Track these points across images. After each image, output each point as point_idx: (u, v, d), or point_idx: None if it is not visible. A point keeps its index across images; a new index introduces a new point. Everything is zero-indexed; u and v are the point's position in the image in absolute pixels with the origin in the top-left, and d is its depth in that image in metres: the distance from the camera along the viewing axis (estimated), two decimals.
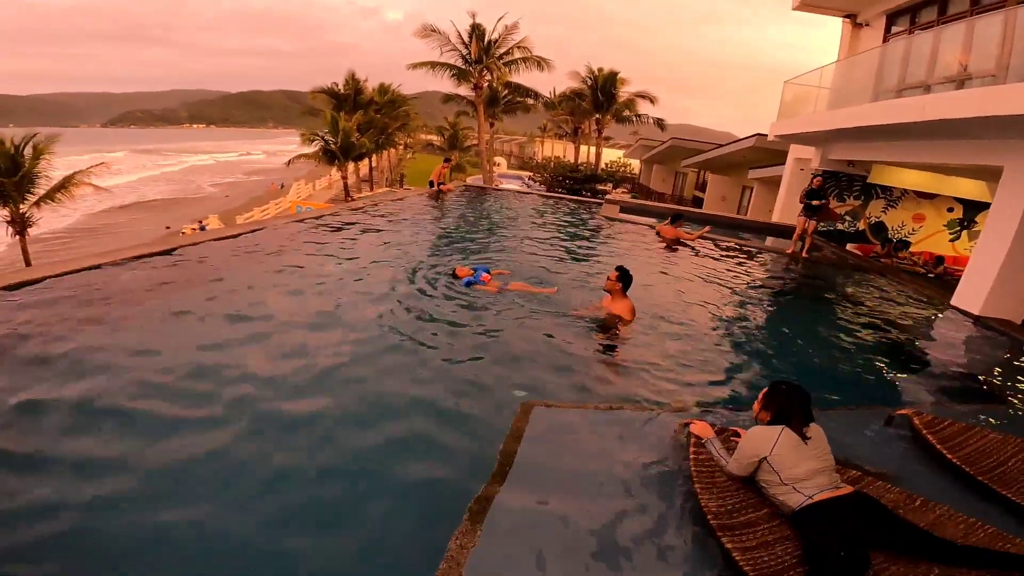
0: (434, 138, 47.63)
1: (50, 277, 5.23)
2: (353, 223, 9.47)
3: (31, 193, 16.93)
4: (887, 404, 4.25)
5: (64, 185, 17.37)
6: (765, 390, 2.87)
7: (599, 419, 3.46)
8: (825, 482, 2.47)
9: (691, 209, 19.24)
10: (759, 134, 17.27)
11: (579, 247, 9.49)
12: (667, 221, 10.65)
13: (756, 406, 2.89)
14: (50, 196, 17.15)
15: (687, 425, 3.14)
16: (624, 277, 5.37)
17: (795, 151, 14.15)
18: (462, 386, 3.95)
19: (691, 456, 2.85)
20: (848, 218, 13.01)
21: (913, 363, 5.63)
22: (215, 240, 7.26)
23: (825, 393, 4.34)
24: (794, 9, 13.14)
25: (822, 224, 13.14)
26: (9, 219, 16.64)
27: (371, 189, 36.34)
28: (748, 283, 8.39)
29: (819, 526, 2.31)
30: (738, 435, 2.98)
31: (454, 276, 6.39)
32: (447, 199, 13.73)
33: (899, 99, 8.57)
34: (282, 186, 37.81)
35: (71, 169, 18.27)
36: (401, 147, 47.16)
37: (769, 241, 11.93)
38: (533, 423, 3.27)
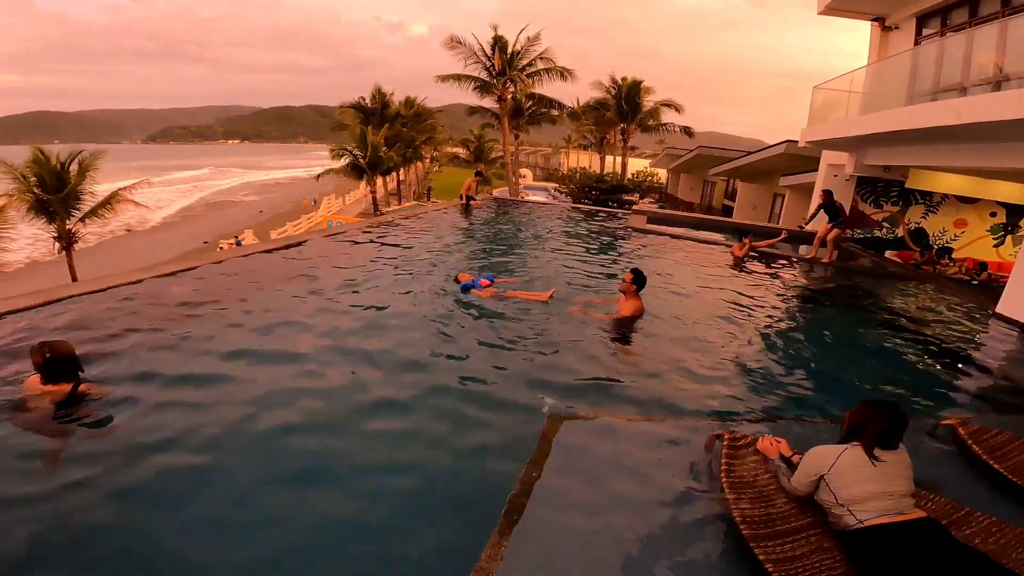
0: (460, 151, 48.26)
1: (97, 291, 5.52)
2: (382, 237, 9.67)
3: (76, 209, 17.58)
4: (931, 414, 4.13)
5: (109, 202, 18.08)
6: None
7: (628, 429, 3.44)
8: (885, 507, 2.30)
9: (711, 217, 18.99)
10: (789, 140, 16.96)
11: (607, 258, 9.47)
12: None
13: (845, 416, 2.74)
14: (94, 213, 17.88)
15: (720, 436, 3.09)
16: (639, 279, 5.57)
17: (828, 157, 13.85)
18: (487, 396, 3.98)
19: (723, 465, 2.81)
20: (885, 224, 12.64)
21: (957, 373, 5.42)
22: (247, 255, 7.55)
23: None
24: (820, 13, 12.94)
25: (858, 231, 12.81)
26: (56, 235, 17.40)
27: (399, 203, 36.96)
28: (784, 292, 8.24)
29: (866, 554, 2.20)
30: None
31: (456, 281, 6.51)
32: (475, 212, 13.88)
33: (934, 102, 8.35)
34: (315, 201, 38.70)
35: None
36: (428, 160, 47.88)
37: (803, 249, 11.68)
38: (562, 434, 3.27)
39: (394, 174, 37.81)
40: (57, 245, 17.45)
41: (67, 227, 17.23)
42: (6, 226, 15.18)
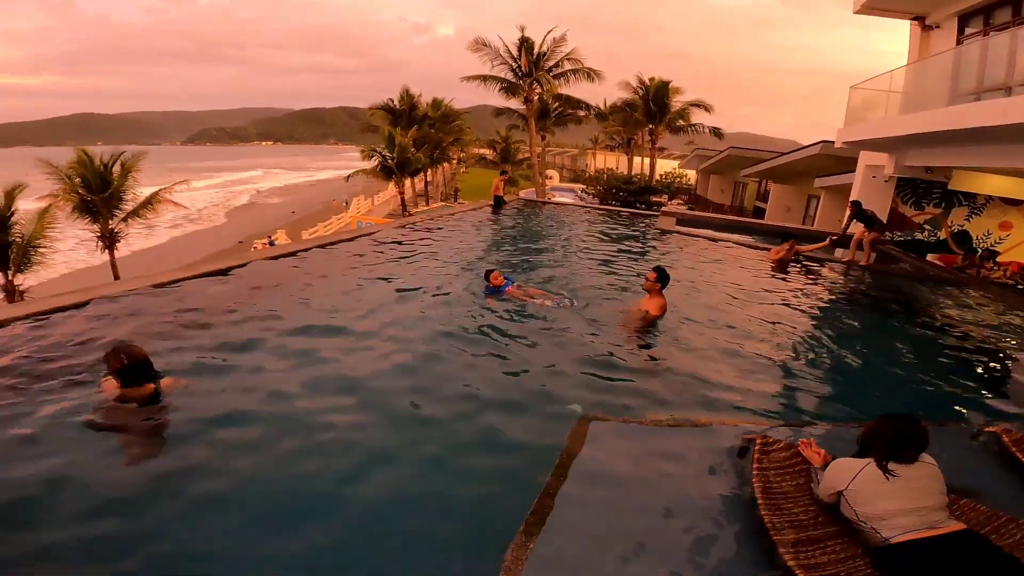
0: (486, 152, 48.47)
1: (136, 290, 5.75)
2: (411, 237, 9.81)
3: (119, 209, 18.21)
4: (974, 421, 4.02)
5: (150, 202, 18.76)
6: None
7: (657, 432, 3.43)
8: (913, 523, 2.22)
9: (745, 219, 18.63)
10: (825, 141, 16.55)
11: (635, 259, 9.40)
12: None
13: None
14: (136, 213, 18.54)
15: (752, 440, 3.04)
16: (662, 276, 5.63)
17: (866, 158, 13.46)
18: (514, 397, 4.01)
19: (755, 470, 2.77)
20: (927, 227, 12.22)
21: (1001, 379, 5.23)
22: (285, 256, 7.75)
23: (906, 410, 4.11)
24: (856, 12, 12.60)
25: (899, 234, 12.43)
26: (99, 234, 18.11)
27: (427, 204, 37.31)
28: (820, 295, 8.08)
29: (896, 572, 2.14)
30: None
31: (486, 280, 6.43)
32: (502, 213, 13.94)
33: (979, 102, 8.07)
34: (346, 203, 39.35)
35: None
36: (455, 162, 48.24)
37: (838, 252, 11.38)
38: (590, 436, 3.26)
39: (422, 175, 38.19)
40: (100, 244, 18.19)
41: (110, 226, 17.92)
42: (52, 225, 15.80)
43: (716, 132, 30.48)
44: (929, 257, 11.89)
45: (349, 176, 33.00)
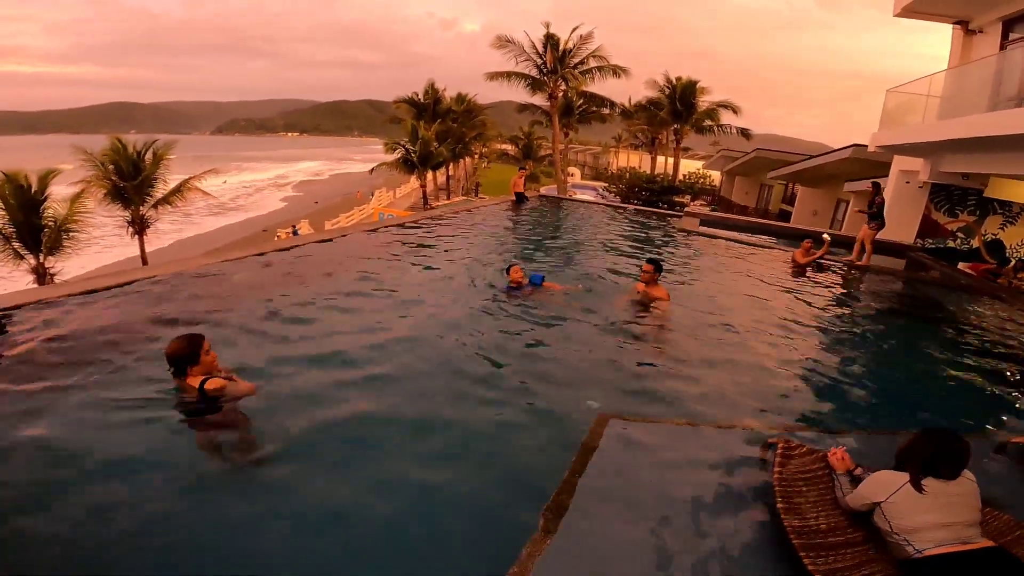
0: (508, 147, 48.46)
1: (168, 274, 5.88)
2: (432, 231, 9.86)
3: (150, 196, 18.66)
4: (999, 432, 3.94)
5: (179, 189, 19.17)
6: None
7: (677, 434, 3.41)
8: (946, 537, 2.22)
9: (770, 221, 18.30)
10: (857, 144, 16.17)
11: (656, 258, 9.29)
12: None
13: None
14: (166, 200, 18.96)
15: (774, 444, 3.02)
16: (658, 267, 6.18)
17: (900, 163, 13.12)
18: (531, 393, 4.00)
19: (775, 473, 2.75)
20: (960, 235, 11.87)
21: None
22: (317, 243, 7.85)
23: (929, 419, 4.08)
24: (896, 15, 12.27)
25: (930, 241, 12.14)
26: (130, 220, 18.55)
27: (448, 198, 37.42)
28: (843, 301, 7.94)
29: None
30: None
31: (506, 275, 6.40)
32: (523, 208, 13.93)
33: (1021, 108, 7.80)
34: (372, 195, 39.66)
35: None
36: (476, 156, 48.29)
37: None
38: (608, 434, 3.26)
39: (443, 169, 38.33)
40: (130, 230, 18.64)
41: (140, 213, 18.37)
42: (84, 211, 16.17)
43: (744, 133, 30.01)
44: (960, 266, 11.56)
45: (373, 169, 33.25)
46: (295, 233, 24.48)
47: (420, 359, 4.41)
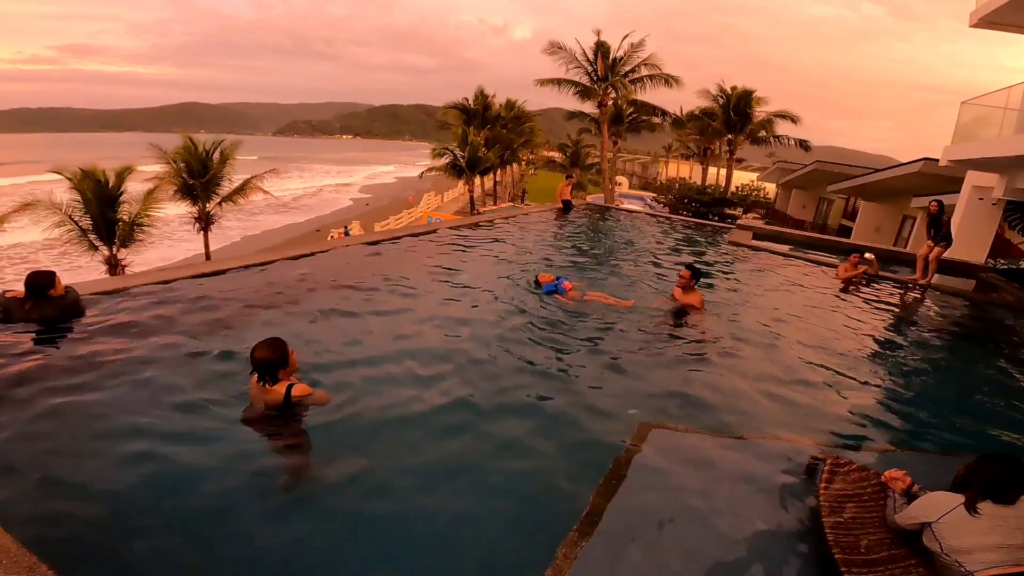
0: (556, 155, 48.36)
1: (232, 269, 6.22)
2: (481, 236, 9.97)
3: (215, 194, 19.66)
4: None
5: (243, 188, 20.11)
6: None
7: (718, 444, 3.36)
8: (999, 559, 2.21)
9: (829, 237, 17.49)
10: (927, 158, 15.32)
11: (706, 273, 9.06)
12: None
13: None
14: (230, 198, 19.91)
15: (821, 460, 2.97)
16: (696, 274, 6.13)
17: (973, 178, 12.34)
18: (570, 401, 3.97)
19: (821, 489, 2.71)
20: None
21: None
22: (371, 243, 8.13)
23: (983, 441, 3.94)
24: (972, 26, 11.58)
25: (1002, 261, 11.35)
26: (196, 216, 19.62)
27: (495, 203, 37.71)
28: (903, 320, 7.57)
29: None
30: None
31: (536, 284, 6.46)
32: (570, 217, 13.88)
33: None
34: (421, 199, 40.45)
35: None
36: (523, 163, 48.45)
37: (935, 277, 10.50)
38: (649, 443, 3.24)
39: (491, 175, 38.63)
40: (197, 225, 19.70)
41: (207, 209, 19.41)
42: (157, 206, 17.15)
43: (803, 145, 28.88)
44: None
45: (423, 173, 33.92)
46: (346, 234, 25.26)
47: (463, 364, 4.44)
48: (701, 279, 6.29)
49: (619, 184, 38.99)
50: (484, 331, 5.17)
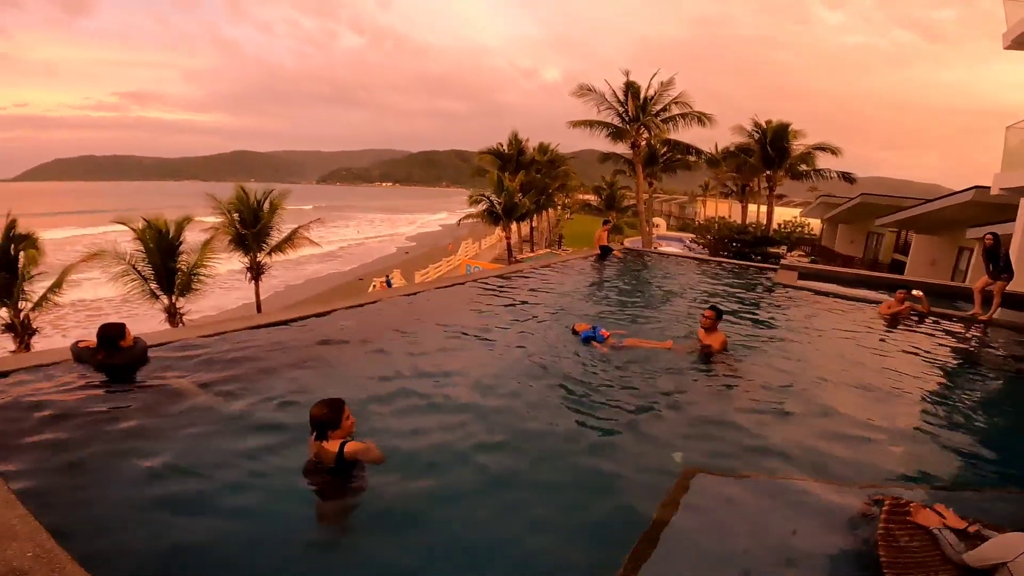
0: (591, 198, 48.68)
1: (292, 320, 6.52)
2: (520, 284, 10.09)
3: (266, 244, 20.18)
4: None
5: (291, 238, 20.84)
6: None
7: (768, 487, 3.29)
8: None
9: (881, 274, 16.79)
10: (979, 187, 14.70)
11: (751, 317, 8.82)
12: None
13: None
14: (279, 248, 20.63)
15: (879, 501, 2.86)
16: (719, 315, 6.22)
17: None
18: (613, 447, 3.97)
19: (881, 531, 2.61)
20: None
21: None
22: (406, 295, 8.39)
23: None
24: (1006, 48, 11.30)
25: None
26: (248, 266, 20.35)
27: (531, 250, 37.93)
28: (963, 358, 7.24)
29: None
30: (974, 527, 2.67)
31: (573, 332, 6.52)
32: (607, 262, 13.85)
33: None
34: (467, 247, 41.03)
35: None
36: (559, 207, 48.81)
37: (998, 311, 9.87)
38: (695, 487, 3.18)
39: (527, 220, 38.95)
40: (248, 275, 20.46)
41: (257, 259, 20.19)
42: (213, 256, 17.91)
43: (847, 177, 28.20)
44: None
45: (460, 220, 34.64)
46: (388, 283, 25.71)
47: (505, 411, 4.50)
48: (723, 317, 6.37)
49: (656, 226, 38.78)
50: (522, 384, 5.18)
